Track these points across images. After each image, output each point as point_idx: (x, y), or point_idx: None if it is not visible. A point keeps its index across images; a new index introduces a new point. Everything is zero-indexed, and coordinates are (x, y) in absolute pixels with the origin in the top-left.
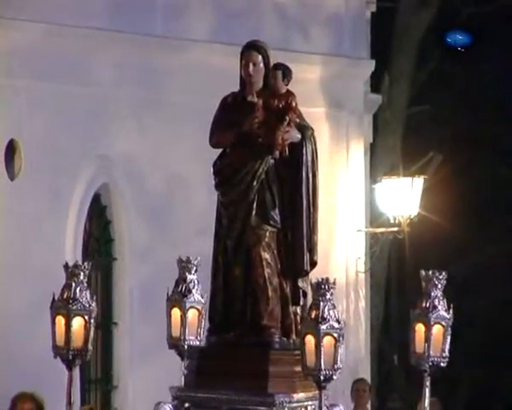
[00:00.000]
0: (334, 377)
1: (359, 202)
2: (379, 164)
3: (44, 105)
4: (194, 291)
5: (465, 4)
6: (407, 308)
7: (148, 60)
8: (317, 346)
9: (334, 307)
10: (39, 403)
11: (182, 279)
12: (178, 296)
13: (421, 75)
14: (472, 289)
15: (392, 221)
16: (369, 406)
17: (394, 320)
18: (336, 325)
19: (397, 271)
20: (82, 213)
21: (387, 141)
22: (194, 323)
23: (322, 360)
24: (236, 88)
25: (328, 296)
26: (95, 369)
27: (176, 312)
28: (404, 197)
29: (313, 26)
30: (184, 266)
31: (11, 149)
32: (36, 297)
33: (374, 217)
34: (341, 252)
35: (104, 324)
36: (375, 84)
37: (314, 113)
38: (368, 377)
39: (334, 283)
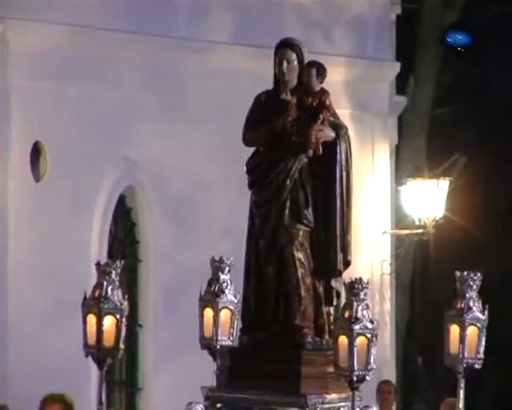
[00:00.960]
0: (367, 378)
1: (384, 204)
2: (404, 166)
3: (69, 107)
4: (226, 291)
5: (489, 5)
6: (432, 310)
7: (171, 62)
8: (350, 346)
9: (368, 307)
10: (69, 404)
11: (215, 279)
12: (211, 296)
13: (446, 77)
14: (498, 292)
15: (417, 223)
16: (394, 407)
17: (419, 322)
18: (369, 325)
19: (422, 273)
20: (107, 215)
21: (412, 143)
22: (226, 323)
23: (355, 361)
24: (259, 89)
25: (361, 296)
26: (119, 371)
27: (208, 312)
28: (430, 199)
29: (337, 27)
30: (217, 266)
31: (36, 151)
32: (61, 298)
33: (399, 219)
34: (367, 254)
35: (129, 326)
36: (400, 85)
37: (339, 114)
38: (393, 379)
39: (367, 283)
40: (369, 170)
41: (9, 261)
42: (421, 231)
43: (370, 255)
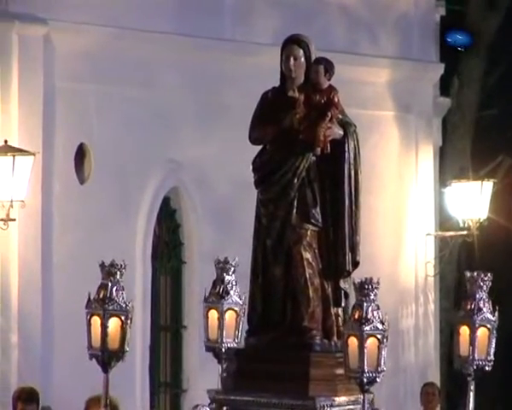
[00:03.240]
0: (378, 380)
1: (428, 205)
2: (448, 168)
3: (113, 109)
4: (231, 292)
5: None
6: None
7: (215, 64)
8: (361, 347)
9: (378, 307)
10: (114, 406)
11: (219, 280)
12: (216, 298)
13: (491, 78)
14: None
15: (461, 225)
16: (438, 409)
17: None
18: (380, 326)
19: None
20: (151, 216)
21: (457, 144)
22: (231, 325)
23: (365, 362)
24: None
25: (371, 297)
26: (164, 372)
27: (213, 314)
28: (474, 201)
29: (382, 29)
30: (222, 266)
31: (81, 152)
32: None
33: (443, 221)
34: (411, 256)
35: (173, 327)
36: (445, 87)
37: (383, 116)
38: (437, 381)
39: (377, 282)
40: (413, 172)
41: (54, 263)
42: (465, 232)
43: (414, 257)
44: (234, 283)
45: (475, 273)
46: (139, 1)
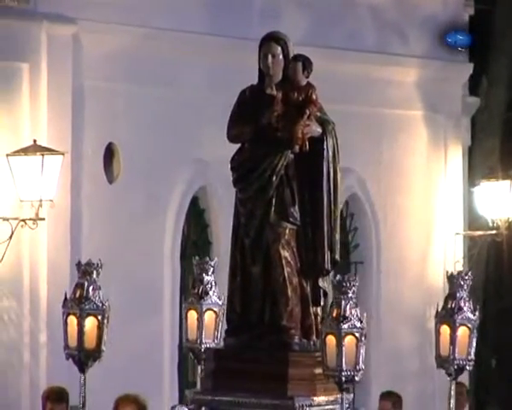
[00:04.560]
0: (357, 379)
1: (457, 204)
2: (477, 167)
3: (142, 109)
4: (211, 293)
5: None
6: (505, 312)
7: (242, 63)
8: (339, 346)
9: (357, 305)
10: (142, 405)
11: (198, 281)
12: (195, 298)
13: None
14: None
15: (490, 224)
16: (466, 408)
17: (492, 323)
18: (358, 324)
19: (495, 274)
20: (180, 216)
21: (486, 144)
22: (210, 325)
23: (343, 361)
24: (331, 91)
25: (350, 294)
26: (192, 371)
27: (192, 314)
28: (503, 200)
29: (410, 28)
30: (201, 267)
31: (110, 152)
32: (133, 298)
33: (472, 220)
34: (439, 255)
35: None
36: (473, 87)
37: (411, 115)
38: (465, 381)
39: (355, 280)
40: (442, 171)
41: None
42: (494, 232)
43: (443, 256)
44: (213, 283)
45: (456, 272)
46: (167, 1)
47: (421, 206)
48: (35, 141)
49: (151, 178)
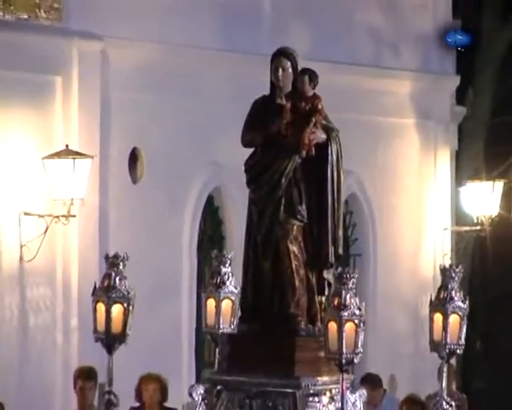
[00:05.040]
0: (355, 361)
1: (446, 203)
2: (463, 169)
3: (163, 117)
4: (228, 283)
5: None
6: (490, 301)
7: (254, 76)
8: (339, 331)
9: (356, 295)
10: (163, 383)
11: (216, 272)
12: (213, 288)
13: (503, 88)
14: None
15: (475, 221)
16: (454, 386)
17: (478, 311)
18: (357, 311)
19: (480, 266)
20: (197, 213)
21: (471, 148)
22: (227, 312)
23: (343, 345)
24: (333, 102)
25: (349, 285)
26: (208, 353)
27: (211, 302)
28: (487, 199)
29: (403, 44)
30: (219, 259)
31: (134, 156)
32: (156, 287)
33: (459, 217)
34: (430, 248)
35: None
36: (460, 97)
37: (404, 123)
38: (453, 361)
39: (355, 272)
40: (432, 173)
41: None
42: (478, 228)
43: (433, 250)
44: (230, 274)
45: (447, 266)
46: (185, 19)
47: (413, 204)
48: (67, 146)
49: (171, 179)
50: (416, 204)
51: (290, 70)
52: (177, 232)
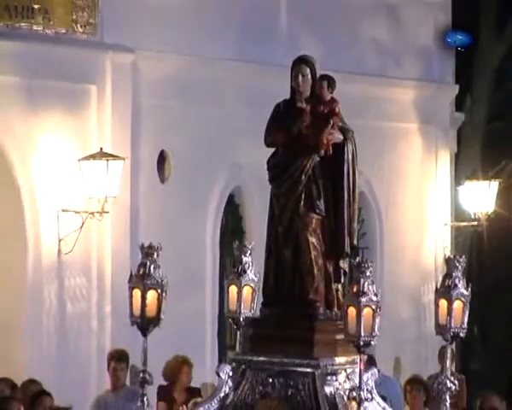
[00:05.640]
0: (372, 343)
1: (446, 200)
2: (462, 170)
3: (188, 122)
4: (248, 271)
5: None
6: (486, 289)
7: (270, 84)
8: (358, 316)
9: (373, 282)
10: (190, 365)
11: (238, 261)
12: (235, 275)
13: (497, 97)
14: None
15: (472, 217)
16: (453, 367)
17: (475, 298)
18: (374, 298)
19: (477, 257)
20: (219, 210)
21: (469, 151)
22: (248, 298)
23: (362, 329)
24: (343, 107)
25: (367, 273)
26: (230, 337)
27: (233, 289)
28: (483, 197)
29: (406, 56)
30: (240, 249)
31: (162, 158)
32: (183, 278)
33: (458, 213)
34: (431, 242)
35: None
36: (459, 104)
37: (408, 127)
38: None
39: (372, 262)
40: (433, 173)
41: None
42: (476, 223)
43: (434, 243)
44: (250, 263)
45: (452, 256)
46: (208, 33)
47: (415, 201)
48: (101, 148)
49: (196, 179)
50: (418, 201)
51: (309, 76)
52: (201, 227)
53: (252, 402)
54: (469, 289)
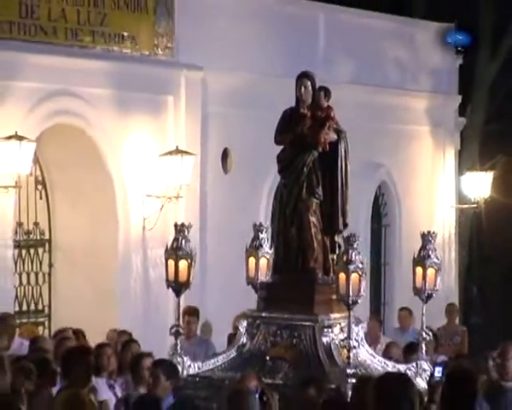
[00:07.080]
0: (359, 302)
1: (451, 187)
2: (464, 163)
3: (247, 125)
4: (264, 245)
5: None
6: (483, 258)
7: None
8: (347, 280)
9: (359, 253)
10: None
11: (256, 237)
12: (253, 249)
13: (493, 105)
14: None
15: (472, 200)
16: (457, 320)
17: (475, 266)
18: (360, 265)
19: (476, 233)
20: (270, 196)
21: (470, 148)
22: (264, 267)
23: (350, 290)
24: (365, 117)
25: (354, 246)
26: None
27: (252, 260)
28: (481, 185)
29: (421, 72)
30: (258, 228)
31: (225, 154)
32: (240, 251)
33: (461, 197)
34: (439, 221)
35: None
36: (462, 110)
37: (421, 130)
38: (456, 302)
39: (358, 236)
40: (441, 166)
41: (208, 226)
42: (475, 205)
43: (442, 222)
44: (266, 238)
45: (426, 232)
46: (263, 55)
47: (427, 188)
48: (177, 146)
49: (252, 172)
50: (429, 188)
51: (310, 87)
52: (256, 210)
53: (264, 350)
54: (440, 259)
